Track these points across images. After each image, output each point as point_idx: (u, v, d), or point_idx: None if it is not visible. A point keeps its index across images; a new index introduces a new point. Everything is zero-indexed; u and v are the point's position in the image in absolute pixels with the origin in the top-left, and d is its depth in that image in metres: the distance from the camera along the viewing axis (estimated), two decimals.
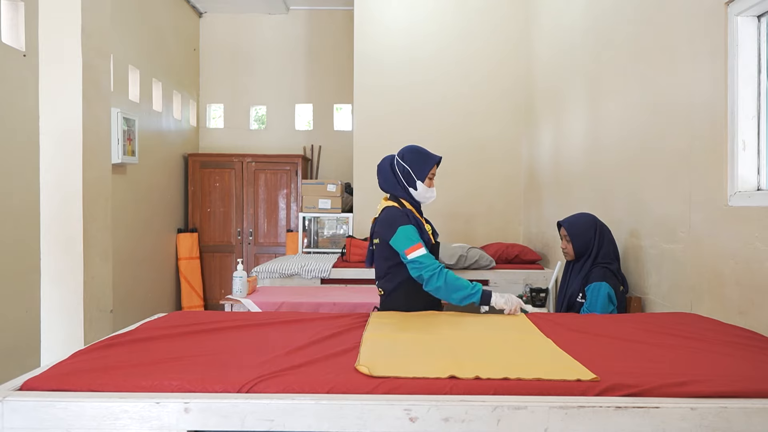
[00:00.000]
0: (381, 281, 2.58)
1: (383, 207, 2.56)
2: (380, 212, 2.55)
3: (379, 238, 2.52)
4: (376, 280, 2.62)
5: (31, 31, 3.64)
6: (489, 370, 1.44)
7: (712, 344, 1.72)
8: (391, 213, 2.48)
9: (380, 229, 2.50)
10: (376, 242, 2.55)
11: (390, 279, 2.53)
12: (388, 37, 5.48)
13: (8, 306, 3.52)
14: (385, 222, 2.47)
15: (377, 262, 2.60)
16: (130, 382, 1.40)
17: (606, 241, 2.77)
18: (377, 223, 2.56)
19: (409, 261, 2.36)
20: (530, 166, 5.14)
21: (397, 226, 2.41)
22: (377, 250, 2.56)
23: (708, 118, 2.28)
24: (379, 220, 2.53)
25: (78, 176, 2.89)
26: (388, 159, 2.61)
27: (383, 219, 2.50)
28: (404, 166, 2.54)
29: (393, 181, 2.56)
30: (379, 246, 2.53)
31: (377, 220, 2.57)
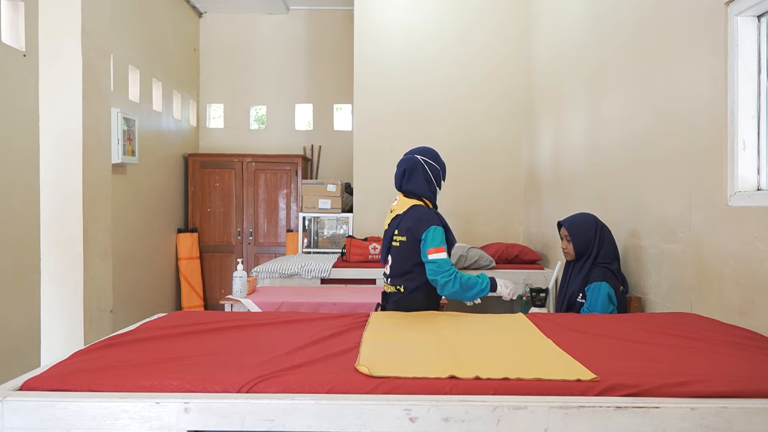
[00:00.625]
0: (401, 278, 2.56)
1: (410, 205, 2.57)
2: (406, 210, 2.57)
3: (407, 235, 2.52)
4: (391, 277, 2.60)
5: (31, 31, 3.64)
6: (489, 370, 1.44)
7: (712, 344, 1.72)
8: (423, 211, 2.54)
9: (410, 225, 2.51)
10: (401, 239, 2.55)
11: (413, 277, 2.54)
12: (388, 37, 5.48)
13: (8, 306, 3.52)
14: (417, 219, 2.51)
15: (398, 259, 2.58)
16: (130, 382, 1.40)
17: (606, 241, 2.77)
18: (403, 221, 2.55)
19: (429, 261, 2.44)
20: (530, 166, 5.14)
21: (430, 225, 2.48)
22: (401, 247, 2.55)
23: (708, 118, 2.28)
24: (408, 218, 2.54)
25: (78, 176, 2.89)
26: (414, 159, 2.63)
27: (414, 216, 2.52)
28: (436, 167, 2.64)
29: (423, 181, 2.61)
30: (406, 243, 2.53)
31: (401, 217, 2.57)
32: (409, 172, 2.62)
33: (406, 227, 2.53)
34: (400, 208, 2.60)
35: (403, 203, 2.61)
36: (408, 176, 2.62)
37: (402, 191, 2.65)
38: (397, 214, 2.61)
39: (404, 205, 2.60)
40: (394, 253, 2.60)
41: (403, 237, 2.55)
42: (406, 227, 2.53)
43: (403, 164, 2.65)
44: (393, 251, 2.61)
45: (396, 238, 2.58)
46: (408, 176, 2.62)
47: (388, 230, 2.64)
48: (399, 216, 2.59)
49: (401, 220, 2.57)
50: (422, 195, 2.62)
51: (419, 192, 2.62)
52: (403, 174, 2.64)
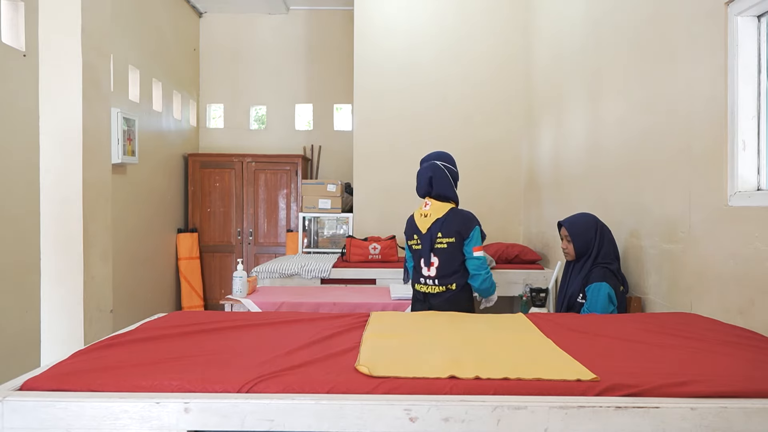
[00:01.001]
0: (451, 278, 2.77)
1: (448, 209, 2.79)
2: (446, 213, 2.77)
3: (456, 236, 2.74)
4: (439, 278, 2.78)
5: (31, 31, 3.64)
6: (489, 370, 1.44)
7: (712, 344, 1.72)
8: (464, 213, 2.81)
9: (459, 227, 2.74)
10: (449, 241, 2.75)
11: (461, 275, 2.79)
12: (388, 37, 5.48)
13: (8, 306, 3.52)
14: (464, 221, 2.76)
15: (446, 260, 2.76)
16: (130, 382, 1.40)
17: (606, 241, 2.77)
18: (446, 223, 2.75)
19: (474, 258, 2.75)
20: (530, 167, 5.15)
21: (474, 225, 2.77)
22: (449, 248, 2.75)
23: (708, 118, 2.28)
24: (453, 221, 2.75)
25: (78, 176, 2.88)
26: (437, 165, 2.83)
27: (460, 218, 2.77)
28: (455, 170, 2.88)
29: (449, 184, 2.83)
30: (454, 244, 2.75)
31: (442, 220, 2.76)
32: (436, 179, 2.81)
33: (454, 229, 2.74)
34: (437, 212, 2.78)
35: (440, 207, 2.80)
36: (436, 182, 2.81)
37: (432, 196, 2.84)
38: (437, 218, 2.77)
39: (441, 209, 2.79)
40: (440, 255, 2.77)
41: (450, 239, 2.74)
42: (454, 229, 2.74)
43: (427, 171, 2.83)
44: (439, 253, 2.77)
45: (442, 240, 2.76)
46: (436, 182, 2.81)
47: (428, 234, 2.78)
48: (440, 219, 2.77)
49: (443, 223, 2.76)
50: (450, 197, 2.84)
51: (448, 194, 2.82)
52: (429, 181, 2.82)
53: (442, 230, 2.75)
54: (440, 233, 2.76)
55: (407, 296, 3.19)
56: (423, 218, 2.83)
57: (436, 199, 2.83)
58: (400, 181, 5.40)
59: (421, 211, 2.86)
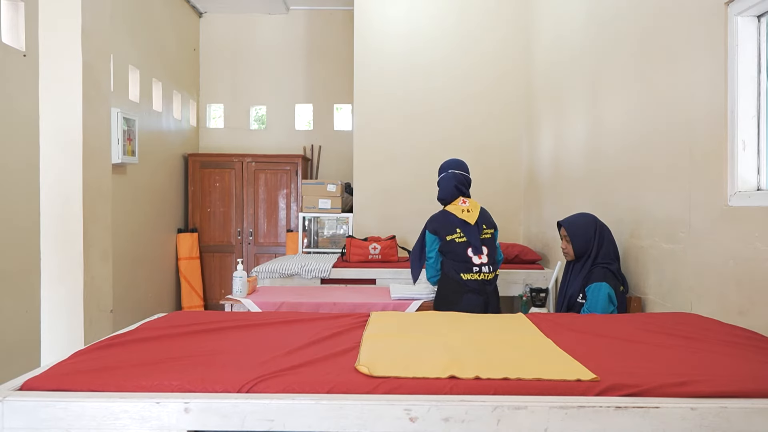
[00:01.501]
0: (496, 264, 3.17)
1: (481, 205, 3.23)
2: (480, 208, 3.19)
3: (494, 228, 3.21)
4: (490, 264, 3.10)
5: (31, 31, 3.64)
6: (489, 370, 1.44)
7: (712, 344, 1.72)
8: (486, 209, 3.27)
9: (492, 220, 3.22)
10: (491, 231, 3.19)
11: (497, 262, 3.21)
12: (388, 37, 5.48)
13: (8, 306, 3.52)
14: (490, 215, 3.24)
15: (493, 248, 3.15)
16: (130, 382, 1.40)
17: (606, 241, 2.77)
18: (484, 216, 3.18)
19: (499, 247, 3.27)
20: (531, 167, 5.14)
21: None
22: (492, 238, 3.17)
23: (708, 118, 2.28)
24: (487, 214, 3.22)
25: (78, 176, 2.88)
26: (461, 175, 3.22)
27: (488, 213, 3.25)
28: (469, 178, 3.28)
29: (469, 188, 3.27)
30: (494, 234, 3.20)
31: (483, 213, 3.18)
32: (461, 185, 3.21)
33: (491, 221, 3.21)
34: (476, 208, 3.17)
35: (475, 204, 3.19)
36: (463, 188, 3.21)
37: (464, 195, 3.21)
38: (478, 213, 3.15)
39: (477, 205, 3.19)
40: (488, 244, 3.12)
41: (491, 229, 3.19)
42: (491, 221, 3.21)
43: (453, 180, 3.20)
44: (487, 242, 3.12)
45: (487, 231, 3.15)
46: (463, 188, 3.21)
47: (475, 227, 3.10)
48: (481, 212, 3.17)
49: (482, 216, 3.17)
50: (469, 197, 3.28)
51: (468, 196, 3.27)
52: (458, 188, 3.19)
53: (485, 222, 3.16)
54: (484, 225, 3.15)
55: (407, 296, 3.19)
56: (467, 213, 3.13)
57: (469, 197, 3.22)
58: (400, 181, 5.40)
59: (461, 208, 3.14)
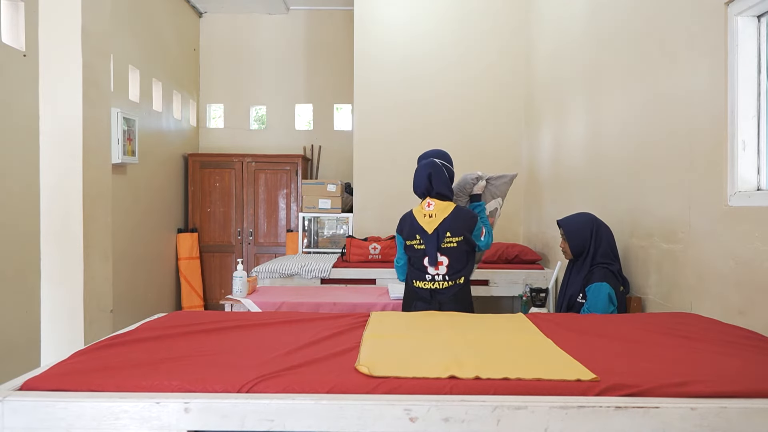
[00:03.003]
0: (461, 272, 2.82)
1: (452, 208, 2.81)
2: (451, 212, 2.79)
3: (464, 234, 2.79)
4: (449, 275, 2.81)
5: (31, 31, 3.64)
6: (489, 370, 1.44)
7: (712, 344, 1.72)
8: (466, 210, 2.87)
9: (465, 225, 2.79)
10: (458, 239, 2.78)
11: (469, 269, 2.86)
12: (388, 37, 5.48)
13: (8, 306, 3.52)
14: (468, 219, 2.82)
15: (456, 258, 2.80)
16: (130, 382, 1.40)
17: (604, 241, 2.77)
18: (452, 222, 2.77)
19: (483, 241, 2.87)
20: (530, 166, 5.15)
21: (477, 219, 2.85)
22: (459, 246, 2.79)
23: (708, 118, 2.28)
24: (459, 219, 2.78)
25: (78, 176, 2.88)
26: (435, 163, 2.84)
27: (464, 217, 2.81)
28: (452, 170, 2.92)
29: (449, 183, 2.86)
30: (463, 242, 2.79)
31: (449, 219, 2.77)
32: (435, 177, 2.81)
33: (462, 228, 2.78)
34: (443, 211, 2.79)
35: (444, 207, 2.80)
36: (435, 180, 2.81)
37: (433, 195, 2.83)
38: (444, 218, 2.77)
39: (446, 208, 2.80)
40: (450, 254, 2.79)
41: (459, 237, 2.78)
42: (462, 228, 2.78)
43: (426, 168, 2.83)
44: (448, 252, 2.79)
45: (451, 239, 2.78)
46: (435, 180, 2.81)
47: (434, 234, 2.76)
48: (447, 219, 2.77)
49: (451, 222, 2.77)
50: (448, 195, 2.85)
51: (447, 193, 2.84)
52: (428, 178, 2.81)
53: (451, 229, 2.77)
54: (449, 233, 2.77)
55: None
56: (428, 219, 2.80)
57: (438, 199, 2.82)
58: (400, 181, 5.39)
59: (423, 212, 2.82)
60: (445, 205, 2.80)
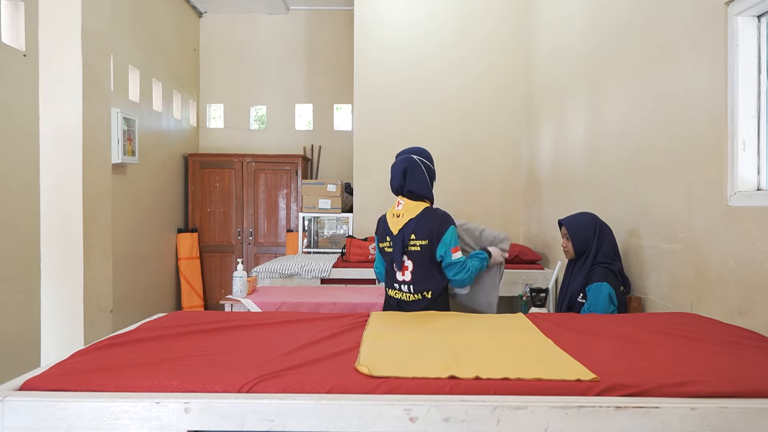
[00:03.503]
0: (428, 283, 2.54)
1: (422, 208, 2.57)
2: (420, 213, 2.55)
3: (429, 238, 2.51)
4: (413, 284, 2.56)
5: (31, 31, 3.64)
6: (489, 370, 1.44)
7: (712, 344, 1.72)
8: (438, 212, 2.59)
9: (432, 228, 2.51)
10: (422, 243, 2.52)
11: (438, 282, 2.55)
12: (388, 37, 5.48)
13: (8, 306, 3.52)
14: (438, 221, 2.53)
15: (420, 264, 2.53)
16: (130, 382, 1.40)
17: (606, 241, 2.77)
18: (419, 224, 2.53)
19: (453, 261, 2.49)
20: (530, 166, 5.15)
21: (448, 225, 2.53)
22: (423, 251, 2.53)
23: (708, 118, 2.28)
24: (426, 220, 2.53)
25: (78, 176, 2.88)
26: (412, 159, 2.61)
27: (433, 218, 2.53)
28: (432, 168, 2.68)
29: (425, 181, 2.61)
30: (427, 246, 2.52)
31: (416, 221, 2.54)
32: (410, 173, 2.59)
33: (427, 230, 2.52)
34: (410, 212, 2.57)
35: (413, 207, 2.58)
36: (410, 177, 2.59)
37: (404, 193, 2.63)
38: (410, 219, 2.56)
39: (414, 208, 2.58)
40: (414, 258, 2.55)
41: (423, 241, 2.53)
42: (427, 230, 2.52)
43: (401, 164, 2.62)
44: (413, 256, 2.56)
45: (415, 242, 2.55)
46: (410, 177, 2.59)
47: (399, 235, 2.57)
48: (413, 219, 2.55)
49: (417, 223, 2.54)
50: (425, 195, 2.62)
51: (423, 192, 2.61)
52: (403, 174, 2.60)
53: (416, 231, 2.54)
54: (413, 235, 2.55)
55: None
56: (395, 218, 2.62)
57: (409, 198, 2.62)
58: None
59: (393, 211, 2.65)
60: (416, 205, 2.59)
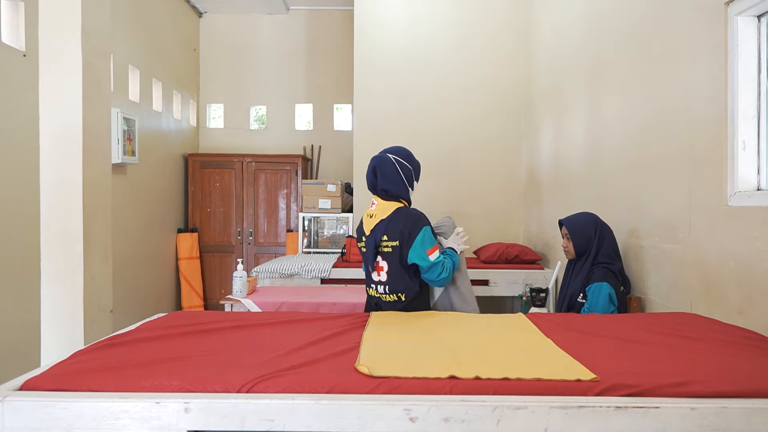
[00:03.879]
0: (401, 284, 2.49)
1: (394, 208, 2.51)
2: (391, 214, 2.49)
3: (400, 239, 2.45)
4: (388, 284, 2.52)
5: (31, 31, 3.64)
6: (489, 370, 1.44)
7: (712, 344, 1.72)
8: (411, 212, 2.50)
9: (403, 228, 2.45)
10: (393, 244, 2.47)
11: (412, 283, 2.50)
12: (388, 37, 5.48)
13: (8, 306, 3.52)
14: (410, 221, 2.45)
15: (394, 265, 2.49)
16: (130, 382, 1.40)
17: (606, 241, 2.77)
18: (390, 224, 2.47)
19: (433, 262, 2.41)
20: (530, 166, 5.14)
21: (422, 226, 2.44)
22: (394, 252, 2.47)
23: (708, 118, 2.28)
24: (397, 221, 2.46)
25: (78, 176, 2.88)
26: (384, 156, 2.56)
27: (405, 218, 2.46)
28: (409, 168, 2.57)
29: (399, 181, 2.54)
30: (398, 248, 2.47)
31: (387, 221, 2.49)
32: (380, 171, 2.54)
33: (398, 230, 2.45)
34: (383, 212, 2.52)
35: (385, 207, 2.52)
36: (380, 175, 2.54)
37: (377, 192, 2.58)
38: (381, 219, 2.51)
39: (387, 208, 2.52)
40: (388, 259, 2.51)
41: (395, 242, 2.47)
42: (398, 230, 2.45)
43: (372, 162, 2.57)
44: (386, 257, 2.51)
45: (387, 243, 2.49)
46: (380, 175, 2.54)
47: (371, 236, 2.53)
48: (384, 220, 2.50)
49: (388, 224, 2.48)
50: (399, 194, 2.55)
51: (396, 191, 2.54)
52: (374, 173, 2.55)
53: (387, 233, 2.47)
54: (385, 236, 2.48)
55: None
56: (369, 218, 2.58)
57: (383, 197, 2.55)
58: None
59: (367, 211, 2.60)
60: (388, 206, 2.52)
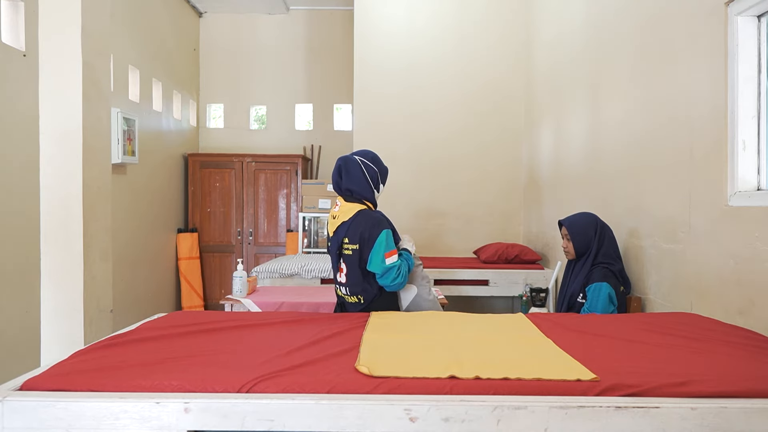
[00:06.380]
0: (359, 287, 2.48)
1: (356, 211, 2.50)
2: (353, 216, 2.48)
3: (360, 242, 2.44)
4: (348, 286, 2.51)
5: (31, 31, 3.64)
6: (489, 370, 1.44)
7: (712, 344, 1.72)
8: (373, 215, 2.49)
9: (363, 231, 2.44)
10: (354, 247, 2.46)
11: (370, 289, 2.48)
12: (388, 38, 5.48)
13: (8, 306, 3.52)
14: (370, 224, 2.44)
15: (353, 267, 2.48)
16: (130, 382, 1.40)
17: (606, 241, 2.77)
18: (351, 227, 2.47)
19: (388, 266, 2.39)
20: (531, 167, 5.15)
21: (382, 229, 2.43)
22: (354, 255, 2.47)
23: (708, 119, 2.28)
24: (358, 224, 2.46)
25: (78, 176, 2.88)
26: (349, 158, 2.57)
27: (365, 221, 2.45)
28: (374, 170, 2.58)
29: (364, 182, 2.54)
30: (358, 251, 2.46)
31: (348, 224, 2.48)
32: (345, 171, 2.54)
33: (358, 233, 2.44)
34: (345, 214, 2.52)
35: (348, 209, 2.52)
36: (345, 175, 2.54)
37: (342, 193, 2.58)
38: (343, 221, 2.51)
39: (349, 210, 2.51)
40: (348, 261, 2.50)
41: (355, 245, 2.46)
42: (358, 233, 2.44)
43: (338, 161, 2.57)
44: (346, 259, 2.51)
45: (348, 246, 2.49)
46: (345, 175, 2.54)
47: (335, 237, 2.55)
48: (346, 223, 2.50)
49: (350, 226, 2.48)
50: (363, 196, 2.55)
51: (360, 192, 2.54)
52: (339, 172, 2.55)
53: (348, 235, 2.48)
54: (346, 238, 2.49)
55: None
56: (332, 220, 2.59)
57: (346, 199, 2.56)
58: (399, 182, 5.40)
59: (331, 212, 2.61)
60: (350, 207, 2.52)
